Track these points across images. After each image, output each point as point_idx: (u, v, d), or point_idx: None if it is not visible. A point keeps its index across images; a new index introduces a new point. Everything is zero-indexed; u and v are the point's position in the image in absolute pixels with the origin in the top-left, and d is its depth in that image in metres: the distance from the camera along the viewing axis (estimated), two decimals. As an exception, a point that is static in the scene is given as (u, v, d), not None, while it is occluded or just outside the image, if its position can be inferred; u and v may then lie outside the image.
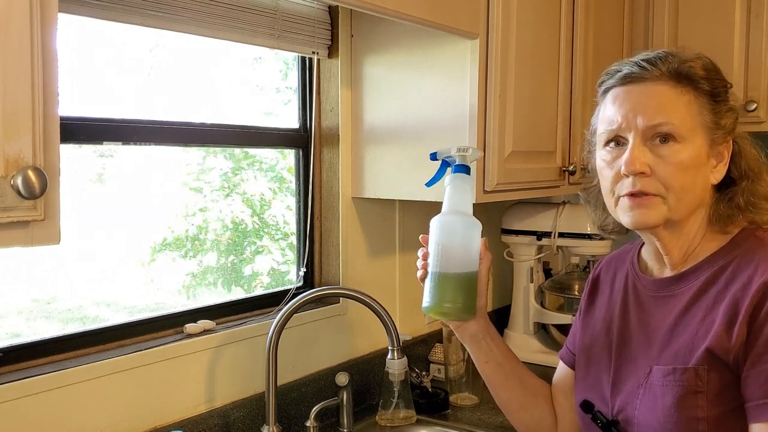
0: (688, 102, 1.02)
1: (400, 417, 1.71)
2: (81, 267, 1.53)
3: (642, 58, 1.04)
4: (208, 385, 1.52)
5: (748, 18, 2.18)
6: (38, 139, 0.79)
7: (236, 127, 1.67)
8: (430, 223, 1.17)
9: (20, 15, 0.77)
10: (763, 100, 2.18)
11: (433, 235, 1.16)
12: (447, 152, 1.22)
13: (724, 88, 1.05)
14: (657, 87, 1.02)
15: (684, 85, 1.02)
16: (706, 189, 1.05)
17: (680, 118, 1.01)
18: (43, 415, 1.24)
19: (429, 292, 1.14)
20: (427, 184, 1.27)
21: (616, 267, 1.23)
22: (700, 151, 1.02)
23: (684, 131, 1.00)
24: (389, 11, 1.41)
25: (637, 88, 1.03)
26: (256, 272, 1.84)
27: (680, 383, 1.00)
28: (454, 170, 1.19)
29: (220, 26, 1.50)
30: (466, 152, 1.19)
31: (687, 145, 1.00)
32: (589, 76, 2.09)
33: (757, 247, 1.02)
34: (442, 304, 1.14)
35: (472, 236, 1.15)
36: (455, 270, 1.13)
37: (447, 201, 1.17)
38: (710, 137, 1.03)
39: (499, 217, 2.36)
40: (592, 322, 1.22)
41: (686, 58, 1.04)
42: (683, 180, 1.00)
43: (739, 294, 0.97)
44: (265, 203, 1.86)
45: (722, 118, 1.04)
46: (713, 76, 1.04)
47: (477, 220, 1.16)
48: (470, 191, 1.18)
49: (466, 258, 1.14)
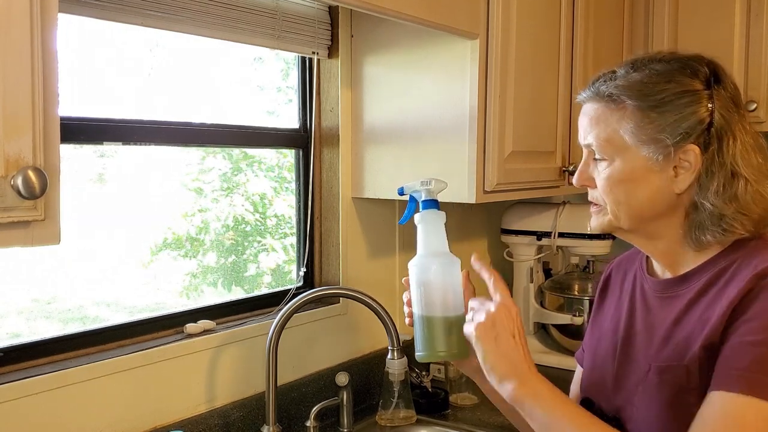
0: (619, 118, 1.03)
1: (400, 417, 1.71)
2: (81, 267, 1.53)
3: (596, 76, 1.09)
4: (208, 385, 1.52)
5: (748, 18, 2.18)
6: (38, 139, 0.79)
7: (236, 128, 1.67)
8: (408, 265, 1.14)
9: (20, 15, 0.77)
10: (763, 100, 2.18)
11: (413, 279, 1.13)
12: (413, 187, 1.17)
13: (669, 95, 1.02)
14: (592, 107, 1.08)
15: (616, 103, 1.04)
16: (660, 201, 1.04)
17: (604, 137, 1.04)
18: (43, 415, 1.24)
19: (420, 340, 1.11)
20: (400, 222, 1.24)
21: (626, 268, 1.24)
22: (634, 166, 1.03)
23: (609, 149, 1.04)
24: (389, 11, 1.41)
25: (584, 106, 1.10)
26: (259, 272, 1.84)
27: (674, 381, 1.01)
28: (422, 207, 1.14)
29: (220, 26, 1.50)
30: (430, 185, 1.15)
31: (616, 161, 1.04)
32: (589, 76, 2.09)
33: (760, 248, 1.02)
34: (437, 353, 1.12)
35: (453, 275, 1.12)
36: (442, 313, 1.10)
37: (421, 242, 1.13)
38: (656, 149, 1.01)
39: (499, 217, 2.36)
40: (601, 322, 1.23)
41: (626, 74, 1.04)
42: (614, 194, 1.05)
43: (732, 291, 0.97)
44: (265, 203, 1.86)
45: (663, 131, 1.01)
46: (648, 89, 1.02)
47: (454, 256, 1.13)
48: (441, 226, 1.13)
49: (451, 300, 1.11)
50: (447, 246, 1.13)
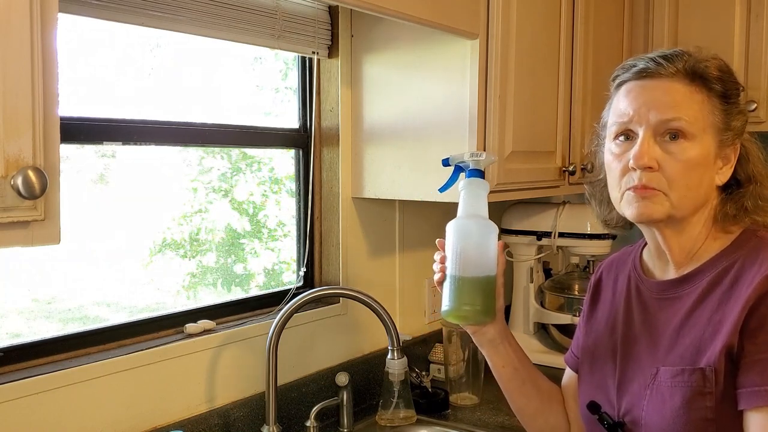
0: (701, 101, 1.02)
1: (400, 417, 1.71)
2: (81, 267, 1.53)
3: (659, 54, 1.05)
4: (208, 385, 1.52)
5: (748, 18, 2.18)
6: (38, 139, 0.79)
7: (236, 128, 1.67)
8: (446, 227, 1.17)
9: (20, 15, 0.77)
10: (763, 100, 2.18)
11: (450, 239, 1.15)
12: (460, 158, 1.21)
13: (737, 90, 1.06)
14: (671, 84, 1.02)
15: (698, 84, 1.03)
16: (711, 189, 1.06)
17: (692, 116, 1.01)
18: (43, 415, 1.24)
19: (448, 296, 1.13)
20: (441, 190, 1.26)
21: (617, 269, 1.22)
22: (708, 151, 1.02)
23: (695, 129, 1.01)
24: (389, 11, 1.41)
25: (652, 83, 1.03)
26: (250, 273, 1.84)
27: (688, 384, 0.99)
28: (468, 175, 1.18)
29: (220, 26, 1.50)
30: (480, 157, 1.19)
31: (696, 143, 1.01)
32: (589, 76, 2.09)
33: (761, 247, 1.02)
34: (462, 307, 1.13)
35: (490, 240, 1.15)
36: (474, 273, 1.13)
37: (463, 205, 1.17)
38: (719, 138, 1.03)
39: (499, 217, 2.36)
40: (595, 325, 1.22)
41: (702, 58, 1.04)
42: (689, 178, 1.01)
43: (744, 293, 0.97)
44: (262, 205, 1.86)
45: (732, 120, 1.04)
46: (727, 77, 1.05)
47: (493, 223, 1.17)
48: (485, 195, 1.18)
49: (485, 262, 1.14)
50: (487, 213, 1.17)
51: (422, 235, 2.12)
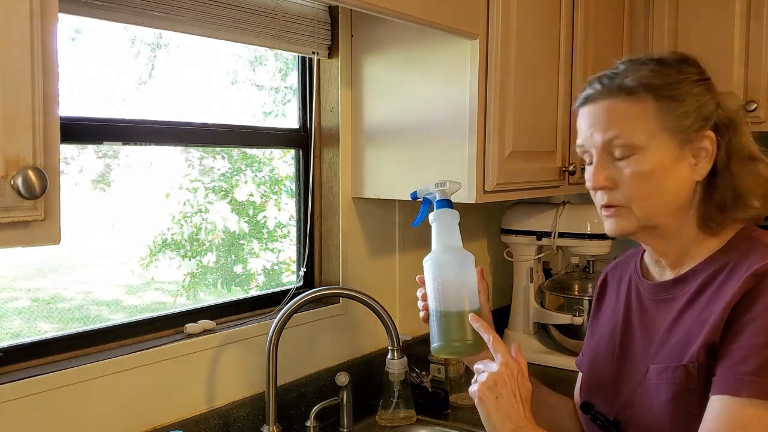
0: (641, 111, 1.03)
1: (400, 417, 1.71)
2: (81, 267, 1.53)
3: (599, 75, 1.08)
4: (208, 385, 1.52)
5: (748, 18, 2.18)
6: (38, 140, 0.79)
7: (236, 128, 1.67)
8: (423, 262, 1.17)
9: (20, 15, 0.77)
10: (763, 100, 2.18)
11: (429, 275, 1.16)
12: (426, 190, 1.22)
13: (686, 84, 1.04)
14: (611, 103, 1.05)
15: (634, 96, 1.03)
16: (683, 189, 1.05)
17: (631, 128, 1.02)
18: (43, 415, 1.24)
19: (437, 332, 1.14)
20: (413, 224, 1.27)
21: (621, 272, 1.24)
22: (665, 155, 1.02)
23: (640, 141, 1.02)
24: (389, 11, 1.41)
25: (594, 107, 1.07)
26: (250, 273, 1.84)
27: (672, 381, 1.01)
28: (437, 206, 1.19)
29: (220, 26, 1.50)
30: (445, 186, 1.19)
31: (647, 153, 1.02)
32: (588, 76, 2.08)
33: (752, 248, 1.02)
34: (453, 344, 1.14)
35: (468, 271, 1.16)
36: (458, 308, 1.13)
37: (436, 239, 1.17)
38: (679, 137, 1.02)
39: (499, 217, 2.36)
40: (599, 326, 1.24)
41: (638, 66, 1.05)
42: (645, 188, 1.03)
43: (730, 291, 0.98)
44: (262, 205, 1.86)
45: (687, 117, 1.03)
46: (665, 80, 1.04)
47: (469, 253, 1.16)
48: (456, 225, 1.18)
49: (467, 294, 1.14)
50: (461, 243, 1.17)
51: (422, 235, 2.12)
